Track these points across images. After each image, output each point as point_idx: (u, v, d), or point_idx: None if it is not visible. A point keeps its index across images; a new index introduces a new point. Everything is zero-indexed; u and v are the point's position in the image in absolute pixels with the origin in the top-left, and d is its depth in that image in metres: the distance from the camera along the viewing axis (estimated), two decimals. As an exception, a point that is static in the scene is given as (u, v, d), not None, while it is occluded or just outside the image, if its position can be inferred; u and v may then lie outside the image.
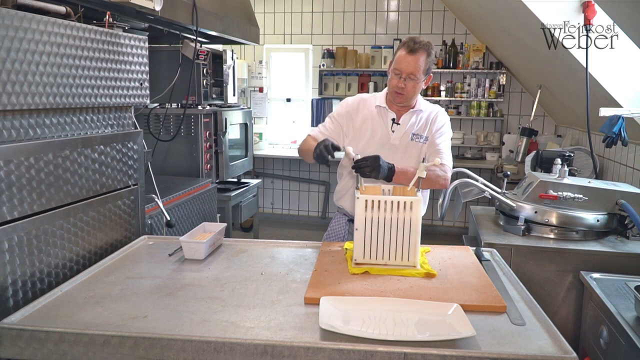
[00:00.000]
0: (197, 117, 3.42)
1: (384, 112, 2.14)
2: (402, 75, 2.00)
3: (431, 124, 2.14)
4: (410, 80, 2.01)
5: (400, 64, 2.00)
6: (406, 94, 2.04)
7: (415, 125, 2.13)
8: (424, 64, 2.00)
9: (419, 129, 2.13)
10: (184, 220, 2.78)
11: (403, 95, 2.05)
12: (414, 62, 1.98)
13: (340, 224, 2.27)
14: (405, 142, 2.11)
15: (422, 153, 2.11)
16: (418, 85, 2.04)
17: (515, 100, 5.58)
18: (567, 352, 1.16)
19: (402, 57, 1.99)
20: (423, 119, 2.14)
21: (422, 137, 2.12)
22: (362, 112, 2.16)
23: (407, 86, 2.01)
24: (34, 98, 1.52)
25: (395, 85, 2.03)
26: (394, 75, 2.03)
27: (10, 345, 1.25)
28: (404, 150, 2.11)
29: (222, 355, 1.19)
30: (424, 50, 1.99)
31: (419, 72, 1.99)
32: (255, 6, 5.85)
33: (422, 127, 2.13)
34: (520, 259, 2.12)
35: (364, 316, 1.31)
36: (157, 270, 1.68)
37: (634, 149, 2.98)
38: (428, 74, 2.06)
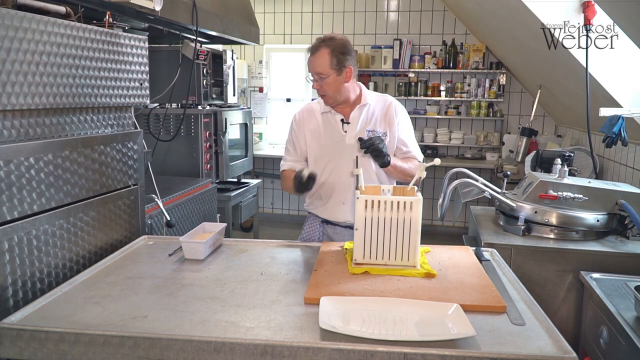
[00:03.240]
0: (197, 117, 3.42)
1: (331, 117, 2.11)
2: (315, 77, 2.01)
3: (387, 118, 2.10)
4: (321, 80, 1.99)
5: (309, 66, 2.02)
6: (326, 93, 2.02)
7: (368, 120, 2.09)
8: (328, 58, 1.96)
9: (373, 125, 2.09)
10: (184, 220, 2.78)
11: (326, 96, 2.04)
12: (316, 60, 1.98)
13: (314, 226, 2.23)
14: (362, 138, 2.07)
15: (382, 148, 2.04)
16: (333, 81, 1.99)
17: (515, 100, 5.58)
18: (567, 352, 1.16)
19: (308, 61, 2.01)
20: (375, 112, 2.11)
21: (378, 132, 2.08)
22: (311, 123, 2.15)
23: (322, 86, 2.01)
24: (34, 98, 1.52)
25: (315, 88, 2.05)
26: (312, 81, 2.04)
27: (10, 345, 1.25)
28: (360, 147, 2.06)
29: (222, 355, 1.19)
30: (325, 46, 1.97)
31: (324, 69, 1.97)
32: (255, 6, 5.85)
33: (376, 122, 2.10)
34: (520, 259, 2.12)
35: (364, 316, 1.31)
36: (157, 270, 1.68)
37: (634, 149, 2.98)
38: (342, 66, 1.98)
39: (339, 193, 2.10)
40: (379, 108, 2.11)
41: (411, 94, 5.62)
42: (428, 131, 5.69)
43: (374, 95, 2.15)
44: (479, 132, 5.66)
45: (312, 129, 2.14)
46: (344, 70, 1.99)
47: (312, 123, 2.15)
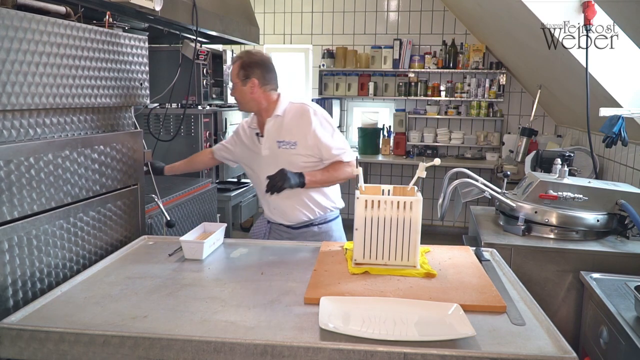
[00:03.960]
0: (197, 117, 3.42)
1: (250, 131, 2.31)
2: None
3: (300, 127, 2.16)
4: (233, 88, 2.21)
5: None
6: (236, 100, 2.24)
7: (278, 132, 2.18)
8: (237, 69, 2.16)
9: (283, 135, 2.17)
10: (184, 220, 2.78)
11: (237, 103, 2.25)
12: (231, 71, 2.21)
13: (262, 223, 2.39)
14: (274, 150, 2.18)
15: (298, 158, 2.15)
16: (239, 91, 2.18)
17: (515, 100, 5.58)
18: (567, 352, 1.16)
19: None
20: (286, 123, 2.18)
21: (289, 143, 2.16)
22: (245, 135, 2.35)
23: (233, 94, 2.22)
24: (34, 98, 1.52)
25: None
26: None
27: (10, 345, 1.25)
28: (275, 158, 2.17)
29: (222, 355, 1.19)
30: (238, 58, 2.18)
31: (234, 78, 2.18)
32: (255, 6, 5.85)
33: (286, 132, 2.17)
34: (520, 259, 2.12)
35: (364, 316, 1.31)
36: (157, 270, 1.68)
37: (634, 149, 2.98)
38: (247, 78, 2.14)
39: (266, 201, 2.28)
40: (290, 118, 2.19)
41: (411, 94, 5.62)
42: (428, 131, 5.69)
43: (288, 107, 2.22)
44: (479, 132, 5.66)
45: (242, 142, 2.36)
46: (248, 82, 2.14)
47: (244, 136, 2.35)
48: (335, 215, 2.37)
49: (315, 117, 2.16)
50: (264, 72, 2.16)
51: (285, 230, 2.30)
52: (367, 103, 6.02)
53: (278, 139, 2.17)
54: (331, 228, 2.32)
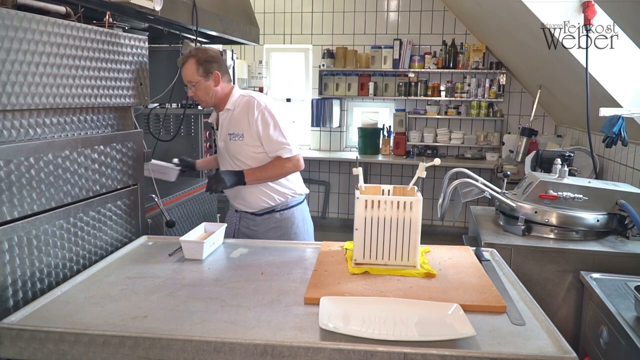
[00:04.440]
0: (197, 117, 3.42)
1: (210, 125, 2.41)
2: (189, 86, 2.22)
3: (246, 119, 2.22)
4: (193, 87, 2.21)
5: (182, 78, 2.23)
6: (199, 98, 2.24)
7: (229, 124, 2.25)
8: (195, 67, 2.17)
9: (233, 127, 2.24)
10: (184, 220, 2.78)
11: (200, 100, 2.25)
12: (185, 71, 2.19)
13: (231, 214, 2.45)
14: (226, 142, 2.27)
15: (247, 149, 2.22)
16: (203, 87, 2.20)
17: (515, 100, 5.58)
18: (567, 352, 1.16)
19: (181, 73, 2.22)
20: (236, 115, 2.24)
21: (238, 135, 2.23)
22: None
23: (195, 93, 2.22)
24: (34, 98, 1.52)
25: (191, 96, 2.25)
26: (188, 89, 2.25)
27: (10, 345, 1.25)
28: (228, 150, 2.27)
29: (222, 355, 1.19)
30: (190, 57, 2.18)
31: (194, 77, 2.18)
32: (255, 6, 5.85)
33: (235, 124, 2.24)
34: (520, 259, 2.12)
35: (364, 316, 1.31)
36: (157, 270, 1.68)
37: (634, 149, 2.98)
38: (209, 72, 2.19)
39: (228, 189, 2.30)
40: (240, 110, 2.25)
41: (411, 94, 5.62)
42: (428, 131, 5.69)
43: (238, 100, 2.27)
44: (479, 132, 5.66)
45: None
46: (211, 76, 2.20)
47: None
48: (298, 201, 2.42)
49: (258, 110, 2.19)
50: (221, 65, 2.23)
51: (250, 218, 2.36)
52: (367, 103, 6.02)
53: (229, 132, 2.25)
54: (293, 214, 2.37)
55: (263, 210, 2.33)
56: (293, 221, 2.37)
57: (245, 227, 2.38)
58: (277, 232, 2.34)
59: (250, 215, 2.36)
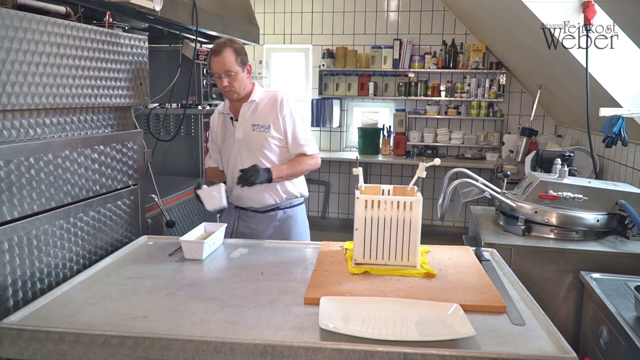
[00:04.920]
0: (197, 117, 3.42)
1: (226, 116, 2.35)
2: (220, 76, 2.18)
3: (273, 113, 2.26)
4: (228, 77, 2.18)
5: (213, 67, 2.18)
6: (235, 89, 2.21)
7: (253, 116, 2.27)
8: (234, 57, 2.17)
9: (258, 119, 2.26)
10: (184, 220, 2.78)
11: (232, 92, 2.22)
12: (223, 60, 2.15)
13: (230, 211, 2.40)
14: (248, 133, 2.26)
15: (270, 141, 2.24)
16: (239, 78, 2.20)
17: (515, 100, 5.58)
18: (567, 352, 1.16)
19: (213, 61, 2.17)
20: (261, 108, 2.27)
21: (263, 126, 2.25)
22: (215, 124, 2.42)
23: (230, 83, 2.19)
24: (34, 98, 1.52)
25: (220, 87, 2.22)
26: (217, 80, 2.21)
27: (10, 345, 1.25)
28: (248, 141, 2.25)
29: (222, 355, 1.19)
30: (228, 47, 2.17)
31: (232, 66, 2.17)
32: (255, 6, 5.85)
33: (261, 116, 2.26)
34: (520, 259, 2.12)
35: (364, 316, 1.31)
36: (157, 270, 1.68)
37: (634, 149, 2.98)
38: (244, 63, 2.22)
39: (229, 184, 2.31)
40: (265, 103, 2.29)
41: (411, 94, 5.62)
42: (428, 131, 5.69)
43: (263, 93, 2.32)
44: (479, 132, 5.66)
45: (218, 128, 2.40)
46: (245, 67, 2.23)
47: (217, 123, 2.41)
48: (300, 202, 2.44)
49: (288, 106, 2.28)
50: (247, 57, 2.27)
51: (251, 215, 2.35)
52: (367, 103, 6.02)
53: (253, 123, 2.25)
54: (296, 213, 2.40)
55: (267, 207, 2.32)
56: (296, 220, 2.38)
57: (245, 226, 2.36)
58: (278, 231, 2.33)
59: (251, 213, 2.35)
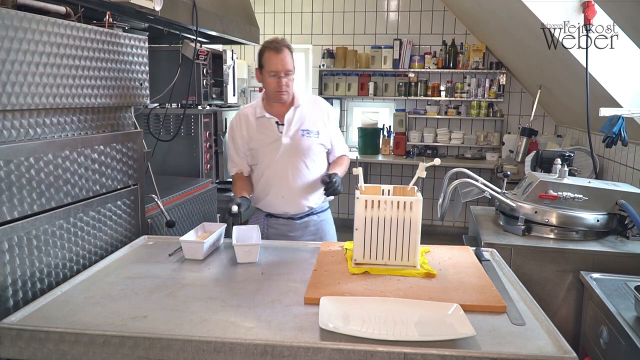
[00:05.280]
0: (197, 117, 3.42)
1: (266, 120, 2.24)
2: (280, 74, 2.13)
3: (319, 120, 2.26)
4: (287, 77, 2.14)
5: (274, 65, 2.12)
6: (288, 90, 2.17)
7: (302, 120, 2.23)
8: (291, 56, 2.15)
9: (307, 125, 2.23)
10: (184, 220, 2.78)
11: (286, 93, 2.18)
12: (286, 59, 2.12)
13: (259, 219, 2.35)
14: (296, 138, 2.21)
15: (318, 147, 2.25)
16: (293, 78, 2.18)
17: (515, 100, 5.58)
18: (567, 352, 1.16)
19: (274, 59, 2.11)
20: (307, 113, 2.25)
21: (312, 132, 2.23)
22: (246, 127, 2.28)
23: (288, 83, 2.16)
24: (34, 98, 1.52)
25: (277, 86, 2.15)
26: (272, 78, 2.14)
27: (10, 345, 1.25)
28: (296, 146, 2.21)
29: (222, 355, 1.19)
30: (286, 45, 2.14)
31: (291, 65, 2.15)
32: (255, 6, 5.85)
33: (310, 122, 2.24)
34: (520, 259, 2.12)
35: (364, 316, 1.31)
36: (157, 270, 1.68)
37: (634, 149, 2.98)
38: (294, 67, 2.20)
39: (277, 187, 2.25)
40: (311, 109, 2.27)
41: (411, 94, 5.62)
42: (428, 131, 5.69)
43: (303, 97, 2.29)
44: (479, 132, 5.66)
45: (248, 133, 2.28)
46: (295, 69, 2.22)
47: (247, 127, 2.28)
48: (328, 205, 2.45)
49: (332, 112, 2.31)
50: None
51: (285, 222, 2.29)
52: (367, 103, 6.02)
53: (302, 128, 2.22)
54: (328, 216, 2.41)
55: (303, 213, 2.28)
56: (328, 223, 2.37)
57: (277, 234, 2.28)
58: (314, 236, 2.29)
59: (283, 220, 2.28)
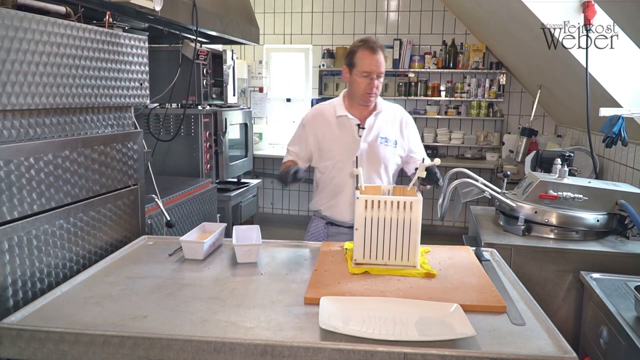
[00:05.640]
0: (197, 117, 3.42)
1: (347, 121, 2.17)
2: (372, 76, 2.06)
3: (400, 128, 2.20)
4: (378, 79, 2.08)
5: (368, 66, 2.05)
6: (377, 92, 2.11)
7: (382, 128, 2.17)
8: (384, 60, 2.10)
9: (387, 133, 2.17)
10: (184, 220, 2.78)
11: (375, 95, 2.11)
12: (380, 59, 2.06)
13: (319, 227, 2.30)
14: (374, 145, 2.15)
15: (394, 157, 2.18)
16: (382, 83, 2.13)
17: (515, 100, 5.58)
18: (566, 352, 1.16)
19: (368, 59, 2.04)
20: (388, 121, 2.19)
21: (390, 141, 2.17)
22: (322, 125, 2.20)
23: (377, 85, 2.09)
24: (34, 98, 1.52)
25: (367, 88, 2.08)
26: (363, 78, 2.07)
27: (10, 345, 1.25)
28: (373, 152, 2.15)
29: (222, 355, 1.19)
30: (382, 49, 2.09)
31: (384, 69, 2.09)
32: (255, 6, 5.85)
33: (389, 130, 2.18)
34: (520, 259, 2.12)
35: (364, 316, 1.31)
36: (157, 270, 1.68)
37: (634, 149, 2.98)
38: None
39: (347, 193, 2.16)
40: (391, 117, 2.20)
41: (411, 94, 5.62)
42: (428, 131, 5.69)
43: (385, 104, 2.22)
44: (479, 132, 5.66)
45: (323, 130, 2.19)
46: None
47: (323, 125, 2.20)
48: None
49: (411, 120, 2.24)
50: None
51: (345, 232, 2.20)
52: (367, 103, 6.02)
53: (381, 135, 2.16)
54: None
55: None
56: None
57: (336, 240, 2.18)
58: None
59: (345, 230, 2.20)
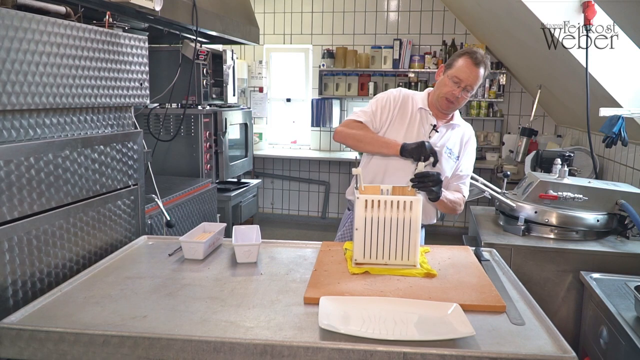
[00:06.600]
0: (197, 117, 3.42)
1: (425, 115, 2.09)
2: (462, 85, 1.97)
3: (464, 146, 2.13)
4: (466, 92, 1.98)
5: (463, 73, 1.96)
6: (458, 104, 2.02)
7: (451, 139, 2.11)
8: (482, 79, 1.99)
9: (453, 145, 2.11)
10: (184, 220, 2.78)
11: (454, 104, 2.02)
12: (477, 74, 1.96)
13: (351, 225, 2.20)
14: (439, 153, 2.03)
15: (449, 171, 2.10)
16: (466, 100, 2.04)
17: (515, 100, 5.58)
18: (566, 352, 1.16)
19: (466, 67, 1.95)
20: (458, 136, 2.13)
21: (454, 154, 2.10)
22: (402, 110, 2.10)
23: (461, 97, 1.99)
24: (34, 98, 1.52)
25: (449, 93, 1.99)
26: (451, 83, 1.98)
27: (10, 345, 1.25)
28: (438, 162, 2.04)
29: (221, 355, 1.19)
30: (485, 65, 1.98)
31: (477, 85, 1.99)
32: (255, 6, 5.85)
33: (456, 144, 2.12)
34: (520, 259, 2.12)
35: (363, 316, 1.31)
36: (157, 270, 1.68)
37: (634, 149, 2.98)
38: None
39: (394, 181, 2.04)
40: (461, 134, 2.14)
41: (411, 94, 5.62)
42: (428, 131, 5.69)
43: (461, 120, 2.17)
44: (479, 132, 5.66)
45: (401, 116, 2.10)
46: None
47: (403, 110, 2.11)
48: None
49: (474, 144, 2.17)
50: None
51: None
52: (367, 103, 6.00)
53: (448, 145, 2.10)
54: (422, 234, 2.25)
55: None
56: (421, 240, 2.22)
57: None
58: None
59: None
